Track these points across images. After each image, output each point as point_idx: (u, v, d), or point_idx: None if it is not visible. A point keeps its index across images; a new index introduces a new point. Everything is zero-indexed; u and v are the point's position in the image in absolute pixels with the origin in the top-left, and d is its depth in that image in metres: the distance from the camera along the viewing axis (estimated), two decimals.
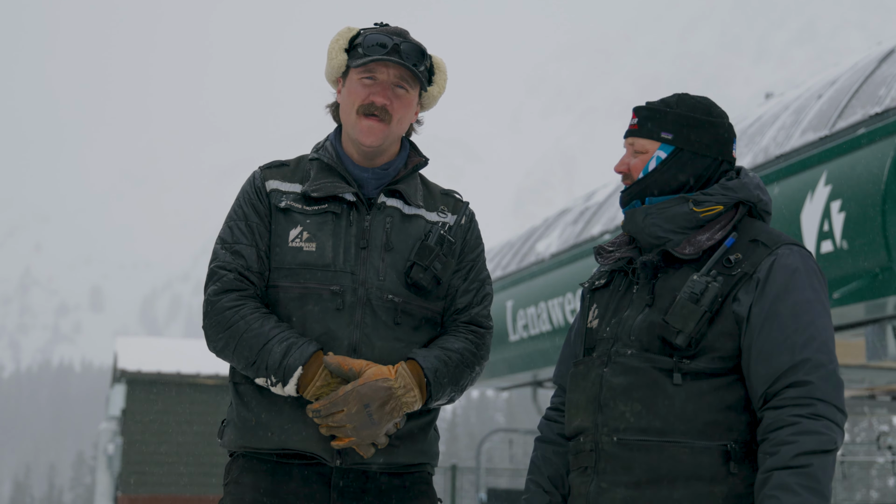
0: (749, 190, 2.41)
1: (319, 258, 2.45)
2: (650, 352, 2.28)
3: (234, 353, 2.40)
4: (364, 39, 2.51)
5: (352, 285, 2.44)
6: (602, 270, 2.57)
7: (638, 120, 2.47)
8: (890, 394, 10.92)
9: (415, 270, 2.47)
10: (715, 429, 2.22)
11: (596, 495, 2.30)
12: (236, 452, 2.49)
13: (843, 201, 6.13)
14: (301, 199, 2.51)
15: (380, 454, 2.41)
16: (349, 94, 2.53)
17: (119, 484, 18.18)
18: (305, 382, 2.35)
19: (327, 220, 2.49)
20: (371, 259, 2.47)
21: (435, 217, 2.58)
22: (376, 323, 2.44)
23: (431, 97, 2.63)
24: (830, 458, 2.12)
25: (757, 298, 2.24)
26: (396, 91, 2.51)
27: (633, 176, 2.46)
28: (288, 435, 2.39)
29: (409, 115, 2.57)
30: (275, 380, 2.35)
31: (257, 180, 2.56)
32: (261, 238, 2.49)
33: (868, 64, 7.08)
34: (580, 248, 10.11)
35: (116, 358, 19.42)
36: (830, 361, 2.20)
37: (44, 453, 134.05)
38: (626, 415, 2.27)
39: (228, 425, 2.50)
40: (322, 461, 2.40)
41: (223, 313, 2.42)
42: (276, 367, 2.34)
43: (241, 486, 2.44)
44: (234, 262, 2.46)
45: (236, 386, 2.49)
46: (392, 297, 2.46)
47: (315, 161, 2.58)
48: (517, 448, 38.78)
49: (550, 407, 2.64)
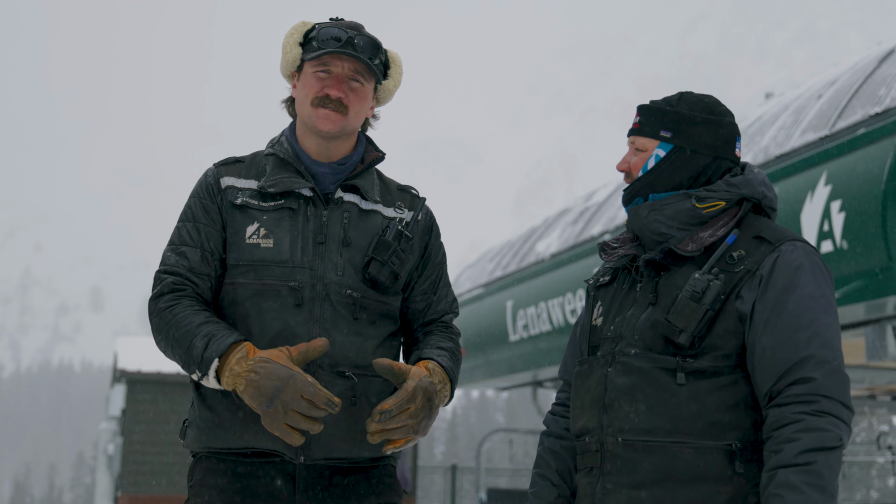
0: (753, 186, 2.40)
1: (277, 254, 2.45)
2: (654, 351, 2.28)
3: (172, 353, 2.40)
4: (318, 33, 2.51)
5: (310, 281, 2.44)
6: (606, 267, 2.56)
7: (640, 119, 2.47)
8: (890, 394, 10.92)
9: (373, 266, 2.47)
10: (719, 428, 2.21)
11: (602, 496, 2.29)
12: (199, 453, 2.48)
13: (843, 201, 6.13)
14: (257, 196, 2.51)
15: (343, 450, 2.42)
16: (304, 87, 2.53)
17: (119, 484, 18.17)
18: (223, 373, 2.32)
19: (284, 215, 2.48)
20: (329, 254, 2.47)
21: (392, 213, 2.58)
22: (335, 318, 2.44)
23: (387, 91, 2.63)
24: (835, 455, 2.10)
25: (760, 295, 2.23)
26: (351, 84, 2.51)
27: (634, 174, 2.46)
28: (252, 433, 2.38)
29: (365, 108, 2.56)
30: (199, 374, 2.34)
31: (210, 178, 2.55)
32: (207, 238, 2.48)
33: (868, 64, 7.08)
34: (580, 248, 10.10)
35: (116, 358, 19.41)
36: (835, 357, 2.18)
37: (44, 453, 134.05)
38: (630, 415, 2.27)
39: (190, 426, 2.49)
40: (286, 458, 2.39)
41: (159, 315, 2.42)
42: (199, 361, 2.33)
43: (205, 487, 2.43)
44: (177, 265, 2.46)
45: (197, 387, 2.47)
46: (350, 292, 2.46)
47: (271, 156, 2.57)
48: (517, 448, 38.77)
49: (556, 402, 2.64)
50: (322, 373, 2.41)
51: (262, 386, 2.24)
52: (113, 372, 20.99)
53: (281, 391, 2.22)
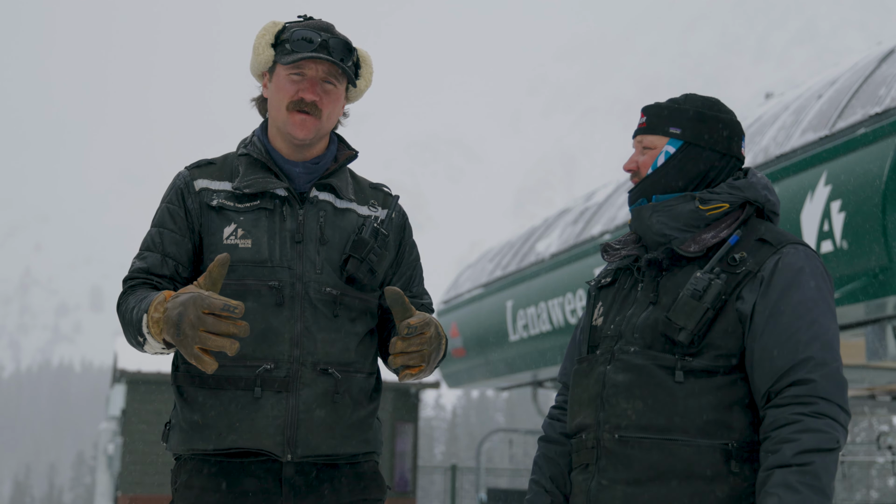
0: (757, 190, 2.41)
1: (256, 254, 2.45)
2: (653, 349, 2.29)
3: (130, 337, 2.38)
4: (291, 35, 2.51)
5: (290, 280, 2.45)
6: (608, 268, 2.58)
7: (647, 118, 2.48)
8: (890, 394, 10.92)
9: (351, 263, 2.49)
10: (716, 427, 2.22)
11: (596, 492, 2.30)
12: (182, 456, 2.48)
13: (843, 201, 6.13)
14: (232, 197, 2.51)
15: (329, 446, 2.43)
16: (277, 91, 2.53)
17: (119, 484, 18.17)
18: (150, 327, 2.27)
19: (261, 216, 2.49)
20: (307, 253, 2.48)
21: (366, 211, 2.60)
22: (316, 316, 2.45)
23: (358, 91, 2.65)
24: (832, 457, 2.11)
25: (761, 296, 2.24)
26: (325, 87, 2.52)
27: (642, 173, 2.47)
28: (237, 433, 2.38)
29: (338, 110, 2.58)
30: (141, 339, 2.31)
31: (180, 181, 2.55)
32: (170, 243, 2.48)
33: (868, 64, 7.08)
34: (580, 248, 10.10)
35: (116, 358, 19.41)
36: (834, 360, 2.19)
37: (44, 453, 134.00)
38: (627, 412, 2.28)
39: (173, 428, 2.48)
40: (272, 457, 2.40)
41: (118, 312, 2.43)
42: (137, 327, 2.30)
43: (191, 489, 2.43)
44: (138, 270, 2.48)
45: (179, 388, 2.47)
46: (330, 289, 2.47)
47: (244, 157, 2.58)
48: (517, 448, 38.78)
49: (554, 405, 2.65)
50: (305, 370, 2.42)
51: (169, 317, 2.18)
52: (113, 372, 20.99)
53: (184, 315, 2.14)
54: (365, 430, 2.51)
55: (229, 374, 2.41)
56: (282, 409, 2.39)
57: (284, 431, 2.39)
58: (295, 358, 2.42)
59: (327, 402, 2.43)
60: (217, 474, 2.41)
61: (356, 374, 2.49)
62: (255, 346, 2.41)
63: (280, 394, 2.40)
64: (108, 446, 21.08)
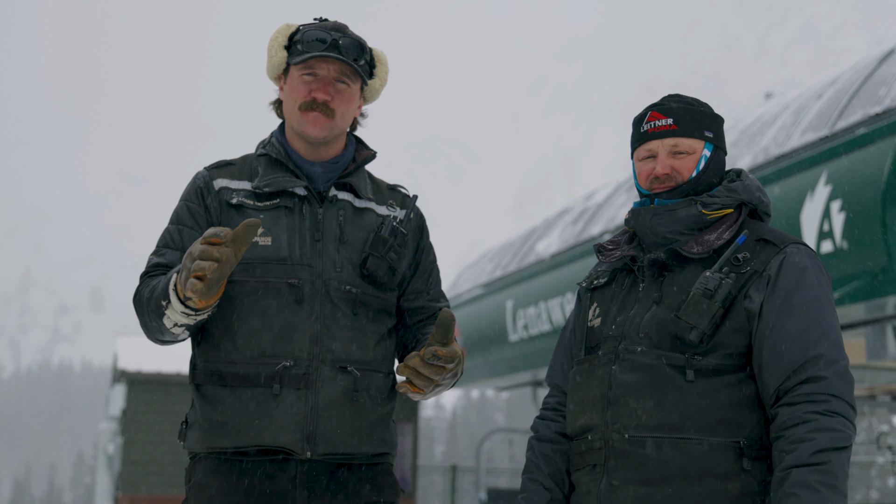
0: (751, 192, 2.46)
1: (276, 252, 2.46)
2: (661, 348, 2.30)
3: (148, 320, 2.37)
4: (303, 36, 2.53)
5: (310, 278, 2.46)
6: (601, 269, 2.58)
7: (674, 119, 2.46)
8: (890, 394, 10.92)
9: (370, 261, 2.50)
10: (727, 425, 2.23)
11: (608, 493, 2.30)
12: (199, 454, 2.48)
13: (843, 201, 6.14)
14: (252, 196, 2.53)
15: (348, 444, 2.43)
16: (291, 92, 2.55)
17: (119, 484, 18.18)
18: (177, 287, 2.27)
19: (280, 214, 2.50)
20: (327, 251, 2.49)
21: (385, 210, 2.62)
22: (336, 314, 2.46)
23: (374, 90, 2.65)
24: (846, 455, 2.14)
25: (769, 295, 2.27)
26: (337, 86, 2.53)
27: (684, 177, 2.44)
28: (257, 431, 2.38)
29: (352, 109, 2.59)
30: (165, 304, 2.30)
31: (199, 180, 2.57)
32: (189, 241, 2.49)
33: (868, 64, 7.08)
34: (580, 248, 10.11)
35: (116, 358, 19.41)
36: (843, 358, 2.22)
37: (44, 453, 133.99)
38: (637, 412, 2.28)
39: (191, 427, 2.48)
40: (290, 455, 2.40)
41: (136, 303, 2.43)
42: (163, 293, 2.29)
43: (207, 487, 2.42)
44: (156, 266, 2.48)
45: (199, 387, 2.47)
46: (350, 288, 2.48)
47: (263, 157, 2.60)
48: (517, 448, 38.74)
49: (545, 407, 2.62)
50: (324, 368, 2.42)
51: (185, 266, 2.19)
52: (113, 372, 20.99)
53: (188, 255, 2.18)
54: (382, 430, 2.51)
55: (248, 372, 2.41)
56: (301, 407, 2.40)
57: (304, 428, 2.39)
58: (314, 355, 2.42)
59: (347, 400, 2.43)
60: (234, 472, 2.41)
61: (375, 372, 2.49)
62: (275, 343, 2.41)
63: (299, 391, 2.40)
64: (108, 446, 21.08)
